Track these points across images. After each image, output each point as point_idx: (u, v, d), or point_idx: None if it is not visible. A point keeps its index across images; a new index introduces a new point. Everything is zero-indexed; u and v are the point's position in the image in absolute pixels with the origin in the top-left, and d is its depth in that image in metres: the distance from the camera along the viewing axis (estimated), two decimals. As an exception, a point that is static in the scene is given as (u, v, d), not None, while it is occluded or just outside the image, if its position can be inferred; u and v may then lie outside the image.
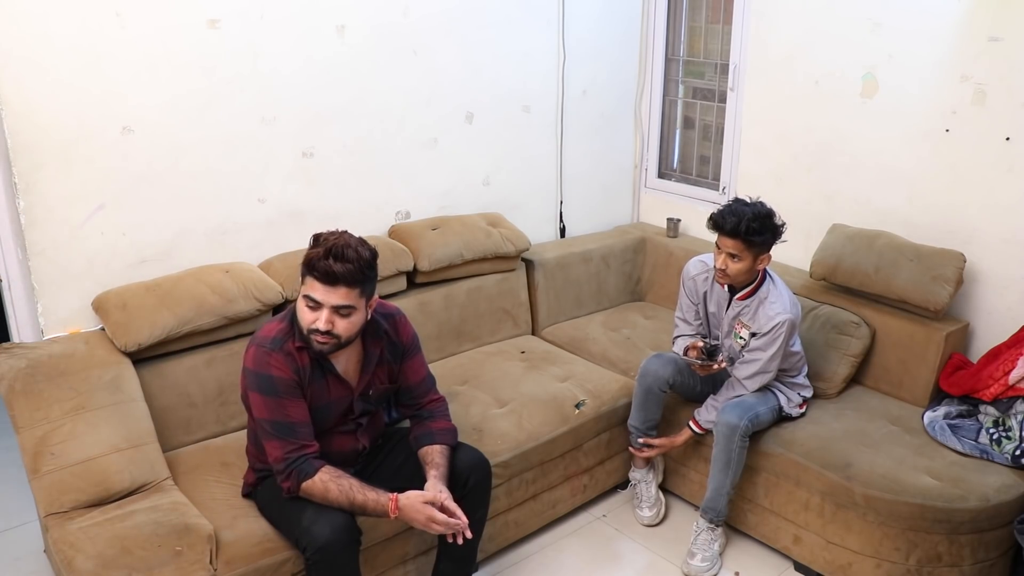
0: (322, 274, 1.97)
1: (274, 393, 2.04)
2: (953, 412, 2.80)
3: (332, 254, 1.96)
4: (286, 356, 2.06)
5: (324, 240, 2.01)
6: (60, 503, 2.11)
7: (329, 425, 2.21)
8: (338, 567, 2.06)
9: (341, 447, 2.26)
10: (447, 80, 3.30)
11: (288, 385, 2.05)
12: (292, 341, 2.08)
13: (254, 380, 2.06)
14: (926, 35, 2.98)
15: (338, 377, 2.17)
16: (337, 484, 2.04)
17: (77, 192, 2.51)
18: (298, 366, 2.08)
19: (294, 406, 2.06)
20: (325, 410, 2.17)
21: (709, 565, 2.71)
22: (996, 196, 2.91)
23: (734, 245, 2.56)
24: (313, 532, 2.01)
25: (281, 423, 2.05)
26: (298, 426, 2.06)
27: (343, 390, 2.19)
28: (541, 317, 3.54)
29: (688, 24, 3.90)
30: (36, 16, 2.34)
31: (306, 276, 2.01)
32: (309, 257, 2.00)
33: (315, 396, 2.14)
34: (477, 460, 2.35)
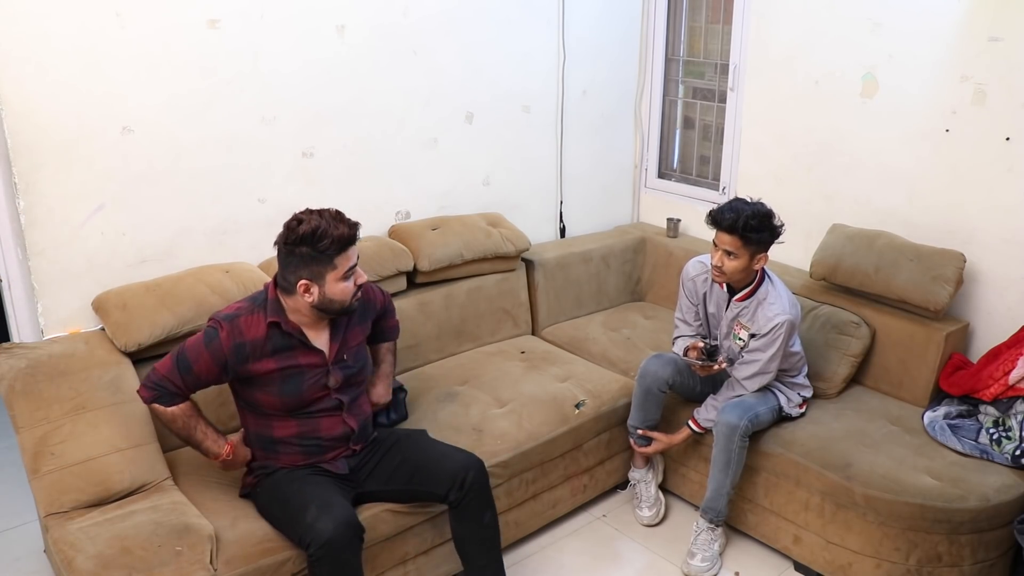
0: (347, 240, 2.13)
1: (206, 343, 2.14)
2: (953, 412, 2.80)
3: (339, 220, 2.13)
4: (232, 328, 2.15)
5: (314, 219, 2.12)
6: (60, 503, 2.12)
7: (305, 396, 2.24)
8: (341, 563, 2.07)
9: (330, 430, 2.29)
10: (447, 80, 3.30)
11: (215, 350, 2.13)
12: (249, 317, 2.18)
13: (204, 329, 2.19)
14: (926, 35, 2.98)
15: (309, 346, 2.23)
16: (185, 420, 2.17)
17: (77, 192, 2.51)
18: (242, 342, 2.15)
19: (206, 361, 2.14)
20: (296, 378, 2.22)
21: (709, 565, 2.72)
22: (996, 196, 2.91)
23: (731, 242, 2.56)
24: (317, 528, 2.03)
25: (186, 363, 2.14)
26: (191, 375, 2.15)
27: (315, 358, 2.24)
28: (541, 317, 3.54)
29: (688, 24, 3.90)
30: (36, 16, 2.34)
31: (335, 257, 2.12)
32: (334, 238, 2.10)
33: (281, 368, 2.20)
34: (469, 460, 2.36)
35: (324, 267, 2.13)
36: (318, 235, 2.09)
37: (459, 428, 2.68)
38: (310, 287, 2.14)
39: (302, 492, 2.16)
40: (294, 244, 2.11)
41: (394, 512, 2.38)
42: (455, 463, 2.33)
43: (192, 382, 2.17)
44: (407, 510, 2.40)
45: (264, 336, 2.18)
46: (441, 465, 2.33)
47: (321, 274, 2.13)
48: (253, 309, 2.20)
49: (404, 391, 2.72)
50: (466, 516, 2.34)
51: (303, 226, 2.10)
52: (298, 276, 2.14)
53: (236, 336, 2.15)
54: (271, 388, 2.21)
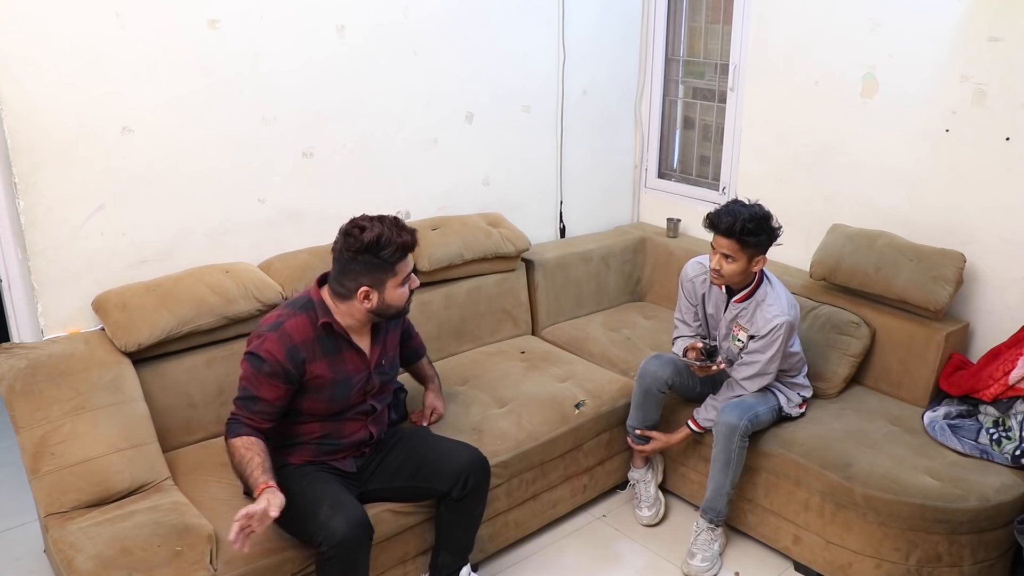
0: (410, 247, 2.17)
1: (257, 368, 2.12)
2: (953, 412, 2.80)
3: (400, 227, 2.15)
4: (281, 336, 2.14)
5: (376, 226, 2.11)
6: (60, 503, 2.12)
7: (350, 401, 2.27)
8: (352, 562, 2.11)
9: (353, 434, 2.31)
10: (447, 80, 3.30)
11: (271, 364, 2.11)
12: (293, 320, 2.17)
13: (247, 358, 2.16)
14: (926, 35, 2.98)
15: (355, 348, 2.25)
16: (243, 453, 2.09)
17: (77, 192, 2.51)
18: (293, 343, 2.14)
19: (268, 387, 2.13)
20: (345, 383, 2.25)
21: (709, 565, 2.72)
22: (996, 196, 2.91)
23: (728, 245, 2.56)
24: (331, 527, 2.05)
25: (248, 394, 2.13)
26: (260, 402, 2.13)
27: (361, 363, 2.27)
28: (541, 317, 3.54)
29: (688, 24, 3.90)
30: (36, 16, 2.34)
31: (396, 264, 2.15)
32: (397, 245, 2.12)
33: (332, 368, 2.21)
34: (476, 460, 2.39)
35: (385, 274, 2.15)
36: (382, 243, 2.10)
37: (459, 428, 2.68)
38: (370, 293, 2.15)
39: (313, 490, 2.17)
40: (357, 252, 2.11)
41: (395, 512, 2.38)
42: (460, 460, 2.36)
43: (264, 409, 2.14)
44: (409, 509, 2.41)
45: (314, 337, 2.18)
46: (445, 461, 2.36)
47: (382, 281, 2.15)
48: (295, 313, 2.19)
49: (404, 391, 2.72)
50: (461, 510, 2.39)
51: (367, 233, 2.10)
52: (359, 283, 2.14)
53: (286, 341, 2.13)
54: (322, 394, 2.22)
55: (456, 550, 2.47)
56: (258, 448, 2.11)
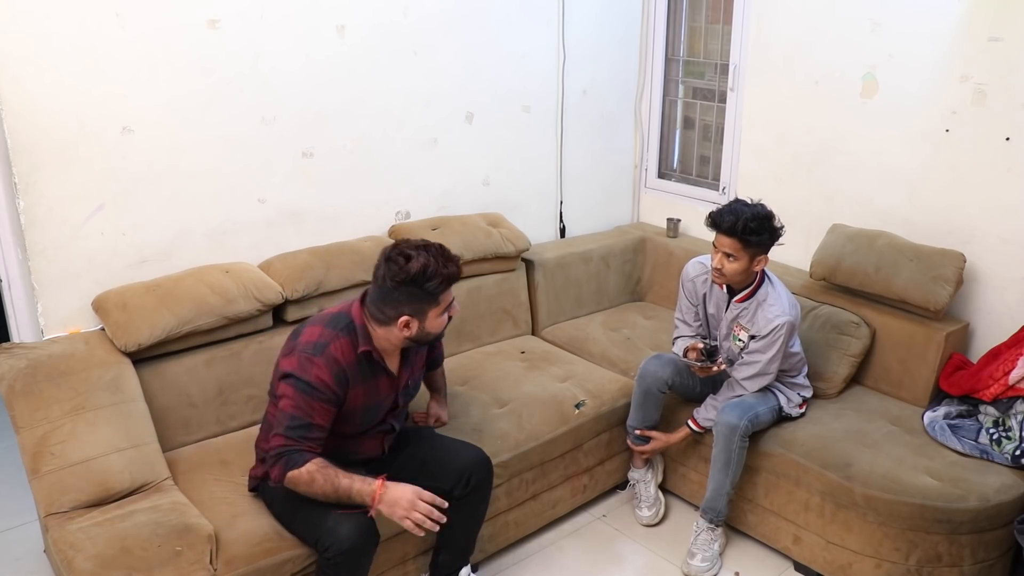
0: (453, 279, 2.11)
1: (308, 393, 2.05)
2: (953, 412, 2.80)
3: (447, 258, 2.09)
4: (329, 361, 2.08)
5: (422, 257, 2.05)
6: (60, 503, 2.11)
7: (374, 423, 2.26)
8: (357, 567, 2.11)
9: (368, 450, 2.31)
10: (447, 80, 3.30)
11: (324, 391, 2.07)
12: (338, 343, 2.11)
13: (292, 380, 2.06)
14: (926, 35, 2.98)
15: (388, 373, 2.22)
16: (323, 474, 2.04)
17: (77, 192, 2.51)
18: (341, 368, 2.10)
19: (321, 410, 2.07)
20: (375, 408, 2.24)
21: (709, 565, 2.71)
22: (996, 196, 2.91)
23: (730, 244, 2.56)
24: (339, 533, 2.03)
25: (300, 421, 2.05)
26: (315, 428, 2.07)
27: (391, 386, 2.25)
28: (541, 317, 3.54)
29: (688, 24, 3.90)
30: (36, 16, 2.34)
31: (440, 294, 2.10)
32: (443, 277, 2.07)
33: (367, 395, 2.19)
34: (479, 459, 2.39)
35: (428, 304, 2.10)
36: (428, 274, 2.05)
37: (459, 428, 2.68)
38: (410, 323, 2.10)
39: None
40: (401, 282, 2.05)
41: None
42: (463, 460, 2.36)
43: (320, 435, 2.08)
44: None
45: (355, 362, 2.13)
46: (448, 460, 2.36)
47: (424, 311, 2.11)
48: (338, 335, 2.12)
49: None
50: (464, 509, 2.38)
51: (412, 263, 2.04)
52: (400, 312, 2.09)
53: (333, 366, 2.09)
54: (351, 419, 2.19)
55: (457, 550, 2.47)
56: (330, 463, 2.06)
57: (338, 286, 2.83)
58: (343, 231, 3.11)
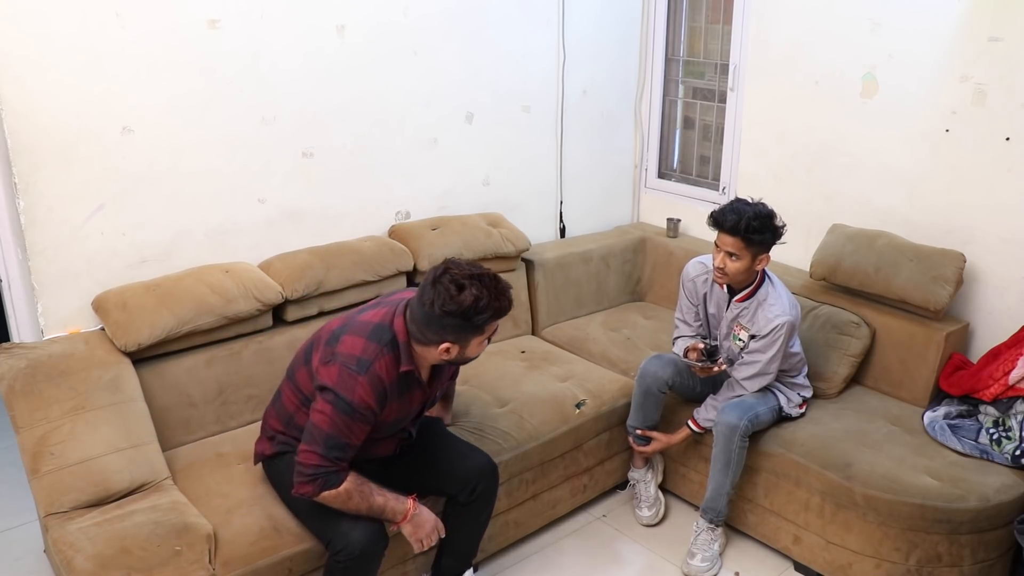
0: (503, 314, 2.06)
1: (348, 414, 2.01)
2: (953, 412, 2.80)
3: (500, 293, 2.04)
4: (373, 380, 2.02)
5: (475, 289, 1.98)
6: (60, 503, 2.11)
7: (397, 431, 2.26)
8: (365, 570, 2.14)
9: (382, 451, 2.30)
10: (447, 80, 3.30)
11: (365, 412, 2.03)
12: (382, 361, 2.05)
13: (331, 396, 2.01)
14: (926, 35, 2.98)
15: (423, 387, 2.19)
16: (359, 492, 2.06)
17: (77, 192, 2.51)
18: (383, 388, 2.05)
19: (360, 431, 2.05)
20: (403, 419, 2.23)
21: (709, 565, 2.71)
22: (996, 196, 2.91)
23: (733, 243, 2.56)
24: (352, 537, 2.05)
25: (338, 441, 2.01)
26: (350, 448, 2.05)
27: (421, 398, 2.23)
28: (541, 317, 3.54)
29: (688, 24, 3.90)
30: (36, 16, 2.34)
31: (485, 326, 2.04)
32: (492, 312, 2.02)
33: (400, 409, 2.16)
34: (487, 468, 2.38)
35: (473, 334, 2.05)
36: (479, 308, 1.98)
37: (459, 428, 2.68)
38: (451, 348, 2.05)
39: None
40: (450, 313, 1.97)
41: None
42: (470, 467, 2.35)
43: (352, 454, 2.06)
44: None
45: (396, 380, 2.08)
46: (455, 465, 2.36)
47: (467, 339, 2.05)
48: (383, 352, 2.05)
49: None
50: (467, 514, 2.38)
51: (465, 295, 1.96)
52: (443, 338, 2.03)
53: (377, 386, 2.03)
54: (381, 430, 2.17)
55: (459, 555, 2.46)
56: (364, 479, 2.08)
57: (338, 286, 2.84)
58: (343, 231, 3.11)
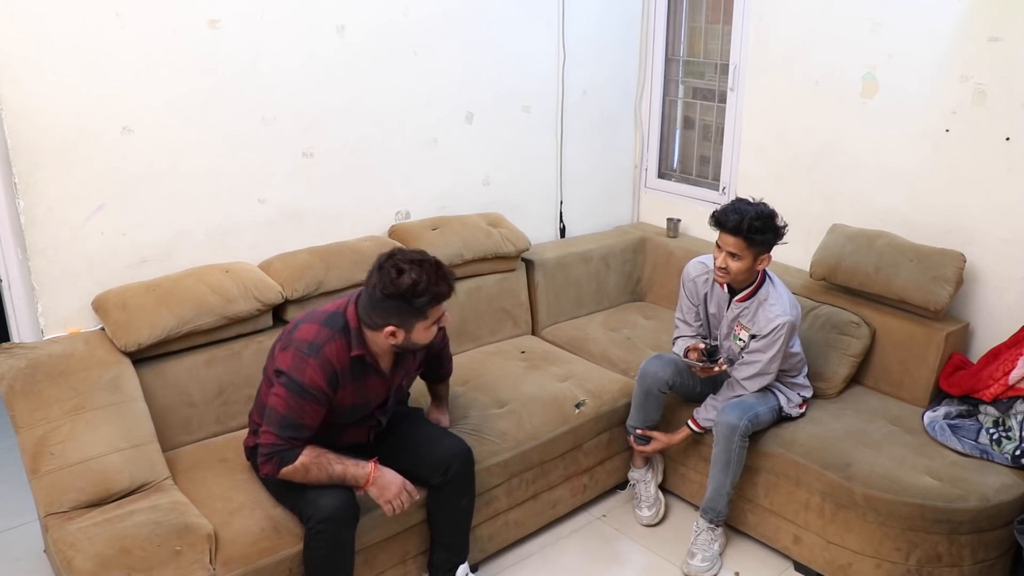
0: (443, 298, 2.11)
1: (300, 394, 2.09)
2: (953, 412, 2.80)
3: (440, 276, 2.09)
4: (323, 363, 2.11)
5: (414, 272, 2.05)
6: (60, 503, 2.12)
7: (361, 417, 2.30)
8: (338, 539, 2.16)
9: (353, 438, 2.35)
10: (447, 80, 3.30)
11: (316, 393, 2.11)
12: (333, 345, 2.13)
13: (285, 379, 2.11)
14: (926, 35, 2.98)
15: (380, 373, 2.24)
16: (316, 463, 2.12)
17: (77, 192, 2.51)
18: (333, 370, 2.13)
19: (312, 411, 2.12)
20: (363, 406, 2.28)
21: (709, 565, 2.71)
22: (996, 196, 2.91)
23: (735, 243, 2.56)
24: (320, 504, 2.12)
25: (292, 422, 2.10)
26: (305, 428, 2.13)
27: (382, 386, 2.28)
28: (541, 317, 3.54)
29: (688, 24, 3.90)
30: (36, 16, 2.34)
31: (428, 309, 2.09)
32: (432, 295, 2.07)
33: (356, 394, 2.22)
34: (458, 449, 2.42)
35: (415, 318, 2.11)
36: (418, 291, 2.05)
37: (459, 428, 2.68)
38: (396, 332, 2.12)
39: None
40: (389, 295, 2.05)
41: (394, 512, 2.38)
42: (442, 450, 2.39)
43: (308, 434, 2.14)
44: (409, 508, 2.40)
45: (348, 365, 2.16)
46: (428, 450, 2.40)
47: (411, 323, 2.11)
48: (334, 337, 2.14)
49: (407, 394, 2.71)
50: (444, 499, 2.41)
51: (404, 278, 2.04)
52: (387, 321, 2.10)
53: (327, 368, 2.11)
54: (339, 413, 2.23)
55: (447, 546, 2.48)
56: (321, 449, 2.14)
57: (338, 286, 2.83)
58: (343, 231, 3.11)
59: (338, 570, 2.20)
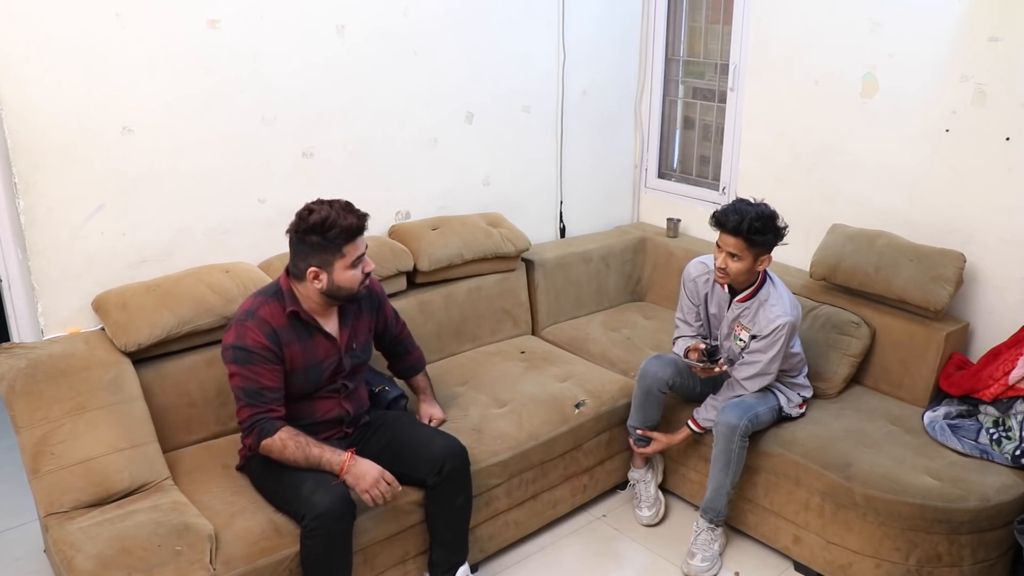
0: (356, 230, 2.22)
1: (247, 361, 2.19)
2: (953, 412, 2.80)
3: (348, 211, 2.22)
4: (259, 323, 2.22)
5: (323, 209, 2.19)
6: (60, 503, 2.12)
7: (321, 384, 2.35)
8: (334, 536, 2.16)
9: (327, 412, 2.38)
10: (447, 80, 3.30)
11: (260, 352, 2.20)
12: (267, 307, 2.25)
13: (231, 353, 2.21)
14: (926, 35, 2.98)
15: (325, 333, 2.32)
16: (295, 441, 2.19)
17: (77, 192, 2.51)
18: (271, 328, 2.22)
19: (265, 372, 2.21)
20: (316, 369, 2.32)
21: (709, 565, 2.71)
22: (996, 196, 2.91)
23: (735, 244, 2.56)
24: (314, 500, 2.12)
25: (251, 389, 2.19)
26: (266, 391, 2.21)
27: (331, 347, 2.34)
28: (541, 317, 3.54)
29: (688, 24, 3.90)
30: (36, 16, 2.34)
31: (343, 246, 2.20)
32: (342, 228, 2.18)
33: (305, 356, 2.29)
34: (451, 447, 2.43)
35: (333, 255, 2.21)
36: (327, 224, 2.17)
37: (459, 428, 2.68)
38: (319, 274, 2.22)
39: (298, 468, 2.21)
40: (304, 233, 2.19)
41: (395, 511, 2.38)
42: (435, 449, 2.40)
43: (275, 396, 2.22)
44: (408, 508, 2.41)
45: (286, 324, 2.26)
46: (422, 450, 2.40)
47: (330, 262, 2.22)
48: (267, 301, 2.27)
49: (405, 397, 2.72)
50: (440, 498, 2.41)
51: (313, 216, 2.18)
52: (308, 263, 2.22)
53: (264, 327, 2.22)
54: (294, 378, 2.29)
55: (445, 545, 2.47)
56: (300, 433, 2.21)
57: (338, 286, 2.83)
58: (343, 231, 3.11)
59: (336, 568, 2.20)
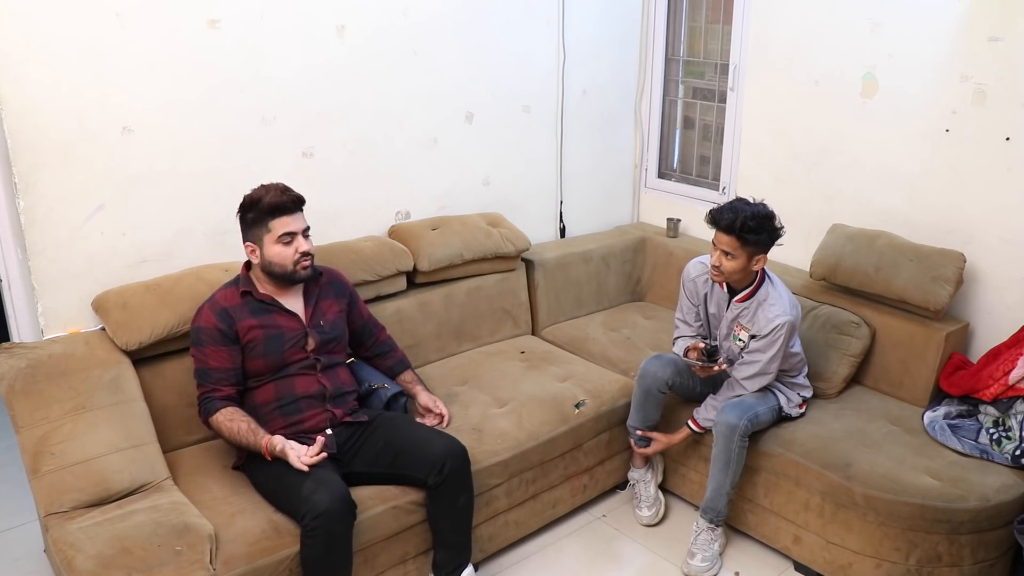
0: (278, 206, 2.34)
1: (198, 343, 2.35)
2: (953, 412, 2.80)
3: (279, 190, 2.36)
4: (212, 304, 2.38)
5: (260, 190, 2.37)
6: (60, 503, 2.12)
7: (288, 355, 2.42)
8: (334, 536, 2.16)
9: (306, 388, 2.43)
10: (447, 80, 3.30)
11: (209, 333, 2.34)
12: (224, 291, 2.41)
13: (191, 336, 2.38)
14: (926, 35, 2.98)
15: (286, 311, 2.44)
16: (228, 426, 2.30)
17: (77, 192, 2.51)
18: (223, 308, 2.37)
19: (212, 353, 2.34)
20: (278, 339, 2.41)
21: (709, 565, 2.72)
22: (996, 196, 2.91)
23: (729, 242, 2.56)
24: (314, 500, 2.13)
25: (201, 369, 2.35)
26: (213, 371, 2.34)
27: (293, 321, 2.45)
28: (541, 317, 3.54)
29: (688, 24, 3.90)
30: (36, 16, 2.34)
31: (269, 221, 2.34)
32: (266, 204, 2.33)
33: (265, 328, 2.40)
34: (451, 447, 2.43)
35: (260, 230, 2.35)
36: (255, 200, 2.35)
37: (459, 428, 2.68)
38: (255, 249, 2.38)
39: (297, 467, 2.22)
40: (242, 212, 2.39)
41: (395, 510, 2.38)
42: (435, 449, 2.40)
43: (220, 377, 2.34)
44: (409, 508, 2.41)
45: (241, 303, 2.39)
46: (422, 450, 2.40)
47: (259, 237, 2.36)
48: (226, 287, 2.44)
49: (404, 395, 2.72)
50: (442, 498, 2.41)
51: (250, 195, 2.37)
52: (246, 238, 2.40)
53: (215, 308, 2.37)
54: (257, 349, 2.38)
55: (449, 545, 2.47)
56: (239, 415, 2.31)
57: (338, 286, 2.83)
58: (343, 231, 3.11)
59: (336, 568, 2.20)
